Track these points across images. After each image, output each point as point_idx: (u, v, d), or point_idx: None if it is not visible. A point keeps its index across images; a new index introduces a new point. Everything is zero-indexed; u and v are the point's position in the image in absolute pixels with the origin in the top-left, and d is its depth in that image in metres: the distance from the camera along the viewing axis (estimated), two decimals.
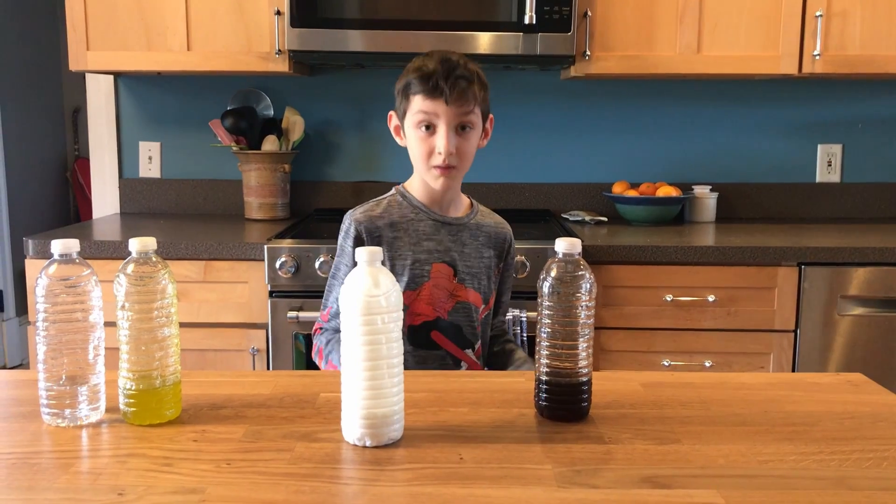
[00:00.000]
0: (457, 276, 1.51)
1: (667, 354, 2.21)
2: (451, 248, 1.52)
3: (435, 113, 1.43)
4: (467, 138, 1.46)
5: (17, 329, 4.08)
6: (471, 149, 1.48)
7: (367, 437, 0.97)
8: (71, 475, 0.89)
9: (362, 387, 0.97)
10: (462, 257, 1.52)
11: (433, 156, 1.45)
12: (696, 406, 1.11)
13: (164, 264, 1.03)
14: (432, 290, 1.49)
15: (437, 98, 1.41)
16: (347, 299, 0.97)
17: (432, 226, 1.52)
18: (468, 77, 1.43)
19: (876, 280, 2.19)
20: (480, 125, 1.49)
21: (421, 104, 1.43)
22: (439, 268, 1.50)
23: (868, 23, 2.40)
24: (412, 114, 1.45)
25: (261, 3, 2.40)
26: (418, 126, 1.45)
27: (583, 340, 1.04)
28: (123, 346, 1.02)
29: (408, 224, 1.51)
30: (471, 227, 1.56)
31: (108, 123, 2.83)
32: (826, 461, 0.94)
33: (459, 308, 1.51)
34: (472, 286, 1.53)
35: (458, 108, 1.42)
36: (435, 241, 1.51)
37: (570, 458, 0.94)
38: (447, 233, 1.52)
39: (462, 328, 1.52)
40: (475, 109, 1.45)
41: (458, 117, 1.43)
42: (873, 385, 1.21)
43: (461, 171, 1.48)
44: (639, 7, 2.41)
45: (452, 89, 1.41)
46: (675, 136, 2.80)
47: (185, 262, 2.18)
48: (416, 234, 1.51)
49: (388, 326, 0.97)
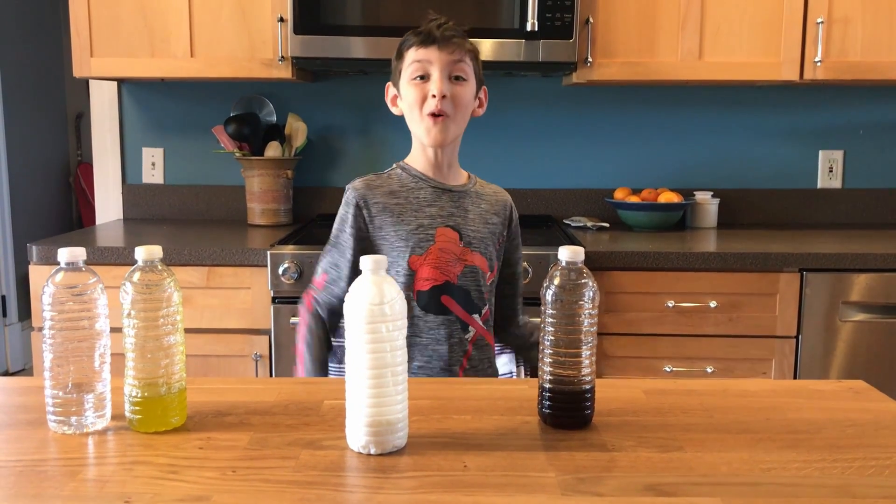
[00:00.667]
0: (462, 241, 1.52)
1: (669, 360, 2.22)
2: (455, 213, 1.53)
3: (428, 60, 1.47)
4: (462, 86, 1.49)
5: (20, 334, 4.09)
6: (464, 99, 1.50)
7: (372, 445, 0.97)
8: (78, 482, 0.90)
9: (367, 394, 0.97)
10: (466, 222, 1.53)
11: (427, 102, 1.47)
12: (699, 413, 1.12)
13: (170, 272, 1.04)
14: (439, 254, 1.50)
15: (429, 45, 1.46)
16: (352, 308, 0.97)
17: (433, 193, 1.54)
18: (458, 32, 1.49)
19: (877, 286, 2.19)
20: (473, 81, 1.52)
21: (415, 54, 1.48)
22: (444, 231, 1.51)
23: (869, 29, 2.41)
24: (406, 67, 1.49)
25: (264, 9, 2.41)
26: (413, 77, 1.48)
27: (586, 348, 1.05)
28: (129, 354, 1.03)
29: (408, 192, 1.53)
30: (471, 195, 1.57)
31: (112, 129, 2.84)
32: (828, 469, 0.94)
33: (468, 272, 1.51)
34: (478, 250, 1.53)
35: (449, 53, 1.46)
36: (437, 206, 1.53)
37: (573, 465, 0.94)
38: (448, 199, 1.54)
39: (470, 293, 1.52)
40: (467, 60, 1.49)
41: (450, 64, 1.47)
42: (875, 392, 1.21)
43: (455, 121, 1.50)
44: (640, 14, 2.42)
45: (444, 36, 1.46)
46: (677, 142, 2.81)
47: (188, 268, 2.19)
48: (416, 201, 1.52)
49: (393, 335, 0.97)
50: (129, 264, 2.10)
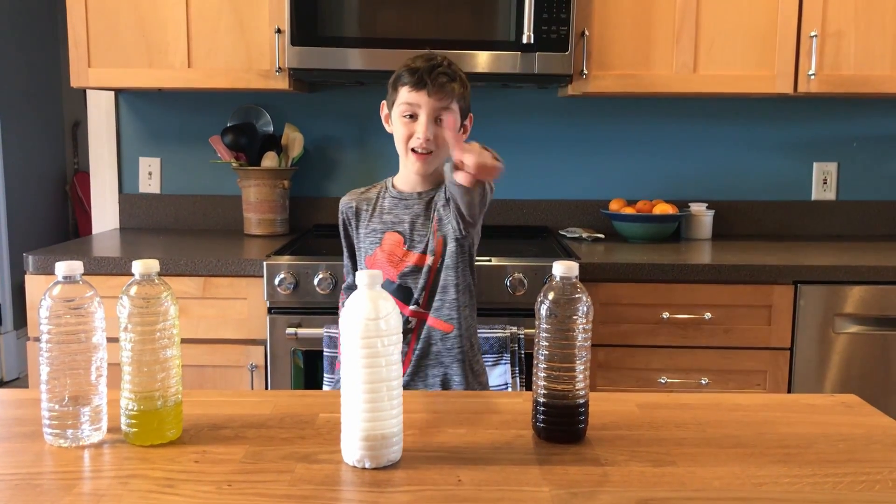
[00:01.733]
0: (406, 244, 1.69)
1: (663, 372, 2.22)
2: (405, 219, 1.69)
3: (417, 104, 1.61)
4: (445, 128, 1.62)
5: (15, 343, 4.08)
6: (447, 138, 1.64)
7: (367, 459, 0.98)
8: (73, 496, 0.90)
9: (362, 409, 0.98)
10: (414, 227, 1.69)
11: (413, 139, 1.63)
12: (692, 428, 1.13)
13: (167, 286, 1.04)
14: (382, 256, 1.69)
15: (420, 90, 1.60)
16: (348, 323, 0.98)
17: (391, 202, 1.72)
18: (449, 75, 1.62)
19: (871, 298, 2.20)
20: (459, 119, 1.67)
21: (406, 96, 1.62)
22: (390, 236, 1.70)
23: (862, 43, 2.43)
24: (399, 104, 1.64)
25: (261, 21, 2.43)
26: (403, 115, 1.63)
27: (580, 363, 1.06)
28: (126, 367, 1.03)
29: (372, 201, 1.75)
30: (425, 199, 1.70)
31: (109, 139, 2.85)
32: (820, 484, 0.95)
33: (408, 272, 1.68)
34: (419, 250, 1.68)
35: (437, 100, 1.60)
36: (392, 213, 1.71)
37: (567, 480, 0.95)
38: (403, 207, 1.71)
39: (411, 289, 1.69)
40: (453, 104, 1.63)
41: (437, 110, 1.61)
42: (867, 407, 1.22)
43: (437, 157, 1.66)
44: (636, 27, 2.43)
45: (434, 83, 1.59)
46: (672, 153, 2.83)
47: (185, 279, 2.19)
48: (377, 209, 1.73)
49: (388, 349, 0.98)
50: (125, 275, 2.11)
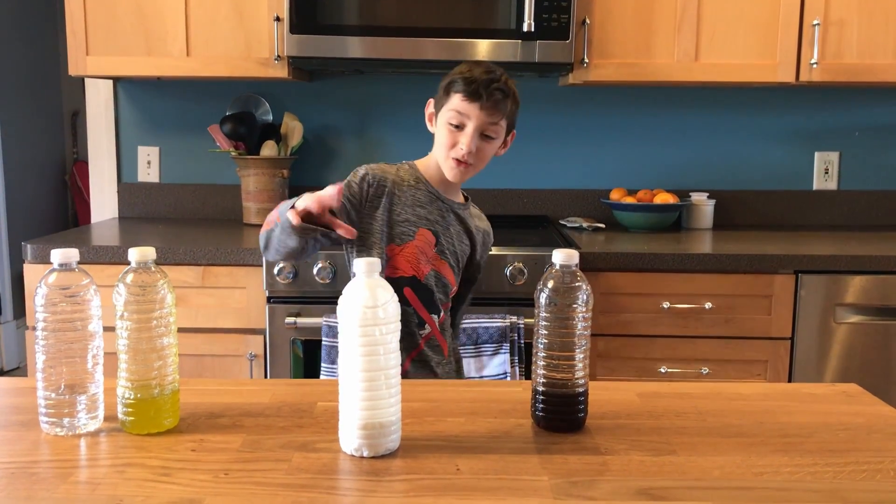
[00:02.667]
0: (437, 247, 1.63)
1: (664, 361, 2.22)
2: (439, 221, 1.64)
3: (467, 115, 1.56)
4: (489, 144, 1.60)
5: (15, 332, 4.08)
6: (488, 154, 1.62)
7: (365, 448, 0.97)
8: (69, 485, 0.89)
9: (360, 397, 0.97)
10: (445, 234, 1.64)
11: (455, 148, 1.58)
12: (692, 417, 1.12)
13: (164, 274, 1.04)
14: (413, 251, 1.61)
15: (473, 101, 1.55)
16: (345, 310, 0.97)
17: (427, 196, 1.64)
18: (505, 91, 1.57)
19: (872, 288, 2.19)
20: (503, 136, 1.63)
21: (458, 104, 1.56)
22: (424, 233, 1.62)
23: (865, 31, 2.41)
24: (448, 109, 1.58)
25: (260, 9, 2.41)
26: (450, 122, 1.58)
27: (579, 351, 1.05)
28: (122, 356, 1.02)
29: (408, 188, 1.64)
30: (460, 214, 1.68)
31: (108, 128, 2.84)
32: (820, 473, 0.94)
33: (433, 276, 1.62)
34: (447, 261, 1.64)
35: (488, 115, 1.56)
36: (426, 209, 1.63)
37: (566, 469, 0.94)
38: (438, 208, 1.64)
39: (433, 294, 1.63)
40: (502, 121, 1.59)
41: (486, 125, 1.57)
42: (868, 396, 1.21)
43: (475, 168, 1.62)
44: (637, 15, 2.42)
45: (489, 98, 1.54)
46: (673, 143, 2.81)
47: (184, 268, 2.18)
48: (412, 198, 1.63)
49: (386, 338, 0.98)
50: (124, 263, 2.09)
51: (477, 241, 1.71)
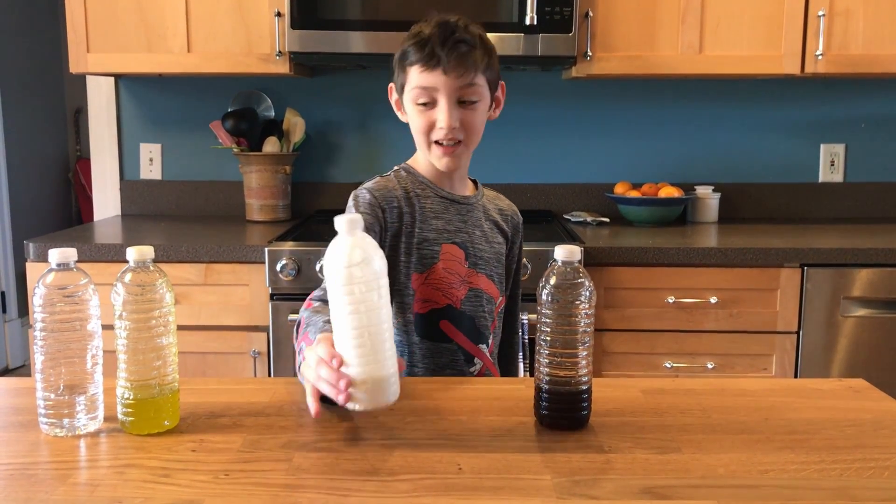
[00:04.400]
0: (468, 260, 1.37)
1: (669, 356, 2.20)
2: (462, 228, 1.38)
3: (433, 86, 1.29)
4: (473, 110, 1.33)
5: (20, 330, 4.08)
6: (477, 121, 1.35)
7: (358, 402, 0.98)
8: (69, 486, 0.89)
9: (349, 354, 0.98)
10: (473, 239, 1.39)
11: (434, 130, 1.32)
12: (697, 413, 1.11)
13: (162, 273, 1.03)
14: (442, 275, 1.34)
15: (434, 68, 1.28)
16: (328, 271, 0.98)
17: (440, 203, 1.38)
18: (468, 41, 1.29)
19: (879, 281, 2.18)
20: (487, 96, 1.35)
21: (418, 78, 1.30)
22: (450, 249, 1.36)
23: (871, 22, 2.39)
24: (410, 88, 1.33)
25: (261, 4, 2.40)
26: (417, 102, 1.32)
27: (582, 348, 1.04)
28: (121, 356, 1.01)
29: (414, 199, 1.37)
30: (479, 208, 1.43)
31: (109, 125, 2.83)
32: (827, 470, 0.93)
33: (472, 297, 1.37)
34: (484, 272, 1.39)
35: (458, 77, 1.28)
36: (444, 219, 1.37)
37: (569, 468, 0.93)
38: (456, 211, 1.39)
39: (476, 320, 1.37)
40: (478, 78, 1.31)
41: (459, 90, 1.30)
42: (875, 391, 1.20)
43: (468, 146, 1.36)
44: (640, 7, 2.40)
45: (450, 56, 1.27)
46: (677, 136, 2.80)
47: (186, 265, 2.18)
48: (422, 210, 1.36)
49: (367, 296, 0.97)
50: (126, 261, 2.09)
51: (508, 229, 1.46)
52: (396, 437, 1.02)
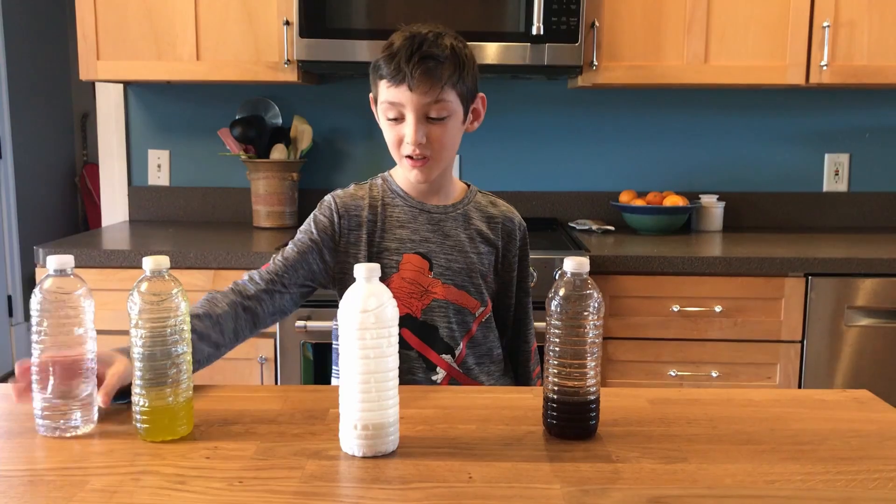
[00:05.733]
0: (432, 270, 1.37)
1: (673, 365, 2.22)
2: (429, 237, 1.38)
3: (400, 102, 1.29)
4: (442, 126, 1.31)
5: (26, 334, 4.10)
6: (447, 137, 1.33)
7: (359, 448, 1.00)
8: (86, 493, 0.90)
9: (354, 399, 1.00)
10: (442, 249, 1.38)
11: (403, 145, 1.33)
12: (703, 424, 1.12)
13: (178, 282, 1.05)
14: (401, 283, 1.36)
15: (399, 84, 1.28)
16: (342, 315, 1.00)
17: (408, 212, 1.39)
18: (436, 56, 1.27)
19: (883, 291, 2.19)
20: (459, 111, 1.33)
21: (386, 93, 1.31)
22: (411, 259, 1.37)
23: (875, 33, 2.41)
24: (380, 102, 1.35)
25: (270, 13, 2.42)
26: (387, 116, 1.34)
27: (591, 359, 1.05)
28: (137, 364, 1.03)
29: (381, 208, 1.40)
30: (456, 217, 1.41)
31: (118, 131, 2.85)
32: (832, 482, 0.94)
33: (435, 307, 1.37)
34: (453, 283, 1.38)
35: (423, 94, 1.27)
36: (409, 228, 1.39)
37: (578, 477, 0.95)
38: (425, 220, 1.39)
39: (439, 329, 1.38)
40: (446, 94, 1.29)
41: (425, 106, 1.29)
42: (880, 403, 1.21)
43: (438, 161, 1.34)
44: (646, 17, 2.42)
45: (415, 72, 1.26)
46: (682, 145, 2.81)
47: (194, 271, 2.19)
48: (388, 219, 1.39)
49: (378, 342, 0.99)
50: (135, 268, 2.11)
51: (497, 237, 1.43)
52: (407, 445, 1.03)
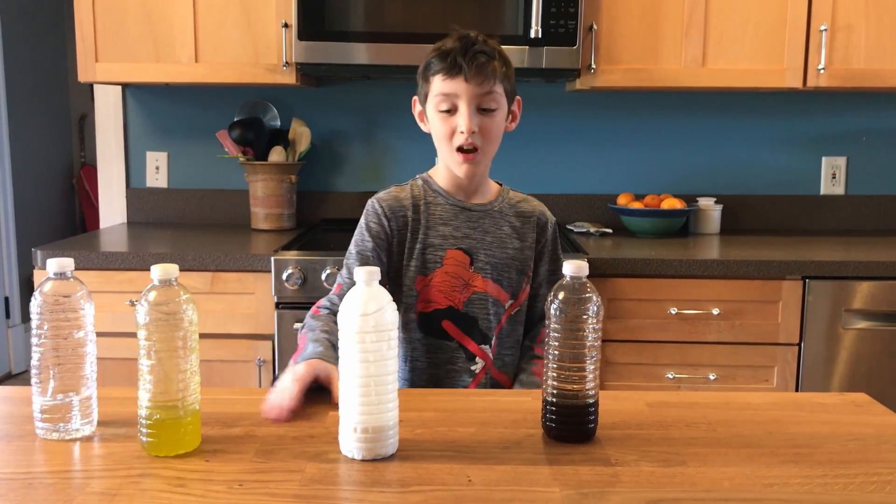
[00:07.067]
0: (473, 265, 1.46)
1: (671, 367, 2.22)
2: (470, 234, 1.47)
3: (455, 93, 1.38)
4: (492, 117, 1.41)
5: (23, 336, 4.10)
6: (496, 129, 1.43)
7: (358, 451, 1.00)
8: (86, 496, 0.90)
9: (353, 402, 1.00)
10: (483, 245, 1.47)
11: (455, 135, 1.41)
12: (702, 427, 1.12)
13: (186, 291, 1.04)
14: (444, 278, 1.45)
15: (456, 76, 1.37)
16: (342, 318, 1.01)
17: (450, 210, 1.48)
18: (488, 52, 1.38)
19: (880, 294, 2.19)
20: (505, 105, 1.44)
21: (441, 85, 1.39)
22: (454, 254, 1.45)
23: (873, 37, 2.42)
24: (433, 96, 1.42)
25: (268, 15, 2.42)
26: (440, 108, 1.41)
27: (590, 362, 1.06)
28: (145, 376, 1.01)
29: (425, 207, 1.48)
30: (494, 215, 1.50)
31: (116, 133, 2.85)
32: (830, 485, 0.95)
33: (476, 300, 1.46)
34: (491, 277, 1.47)
35: (478, 85, 1.38)
36: (452, 226, 1.47)
37: (577, 480, 0.95)
38: (466, 218, 1.48)
39: (478, 321, 1.46)
40: (497, 87, 1.40)
41: (478, 96, 1.39)
42: (877, 406, 1.22)
43: (486, 153, 1.44)
44: (644, 21, 2.42)
45: (471, 65, 1.36)
46: (680, 148, 2.82)
47: (193, 273, 2.19)
48: (431, 217, 1.47)
49: (377, 346, 0.99)
50: (133, 269, 2.11)
51: (531, 230, 1.52)
52: (407, 448, 1.04)
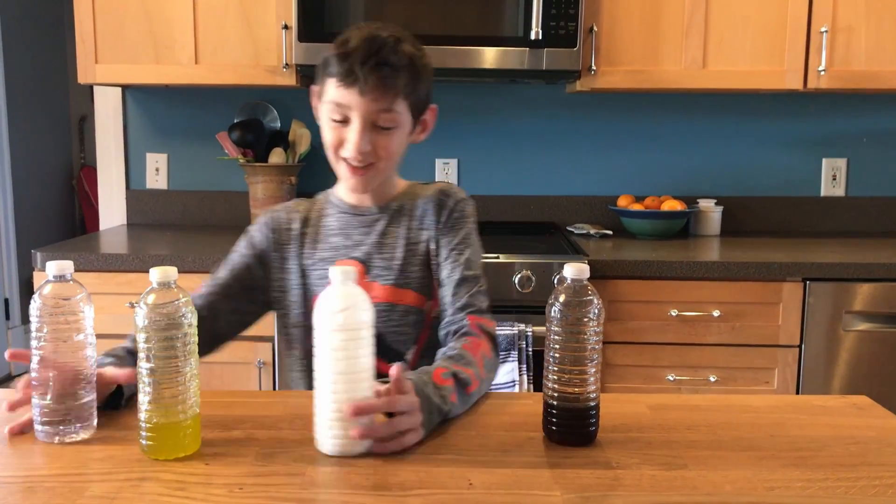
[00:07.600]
0: (369, 273, 1.32)
1: (671, 369, 2.22)
2: (364, 241, 1.34)
3: (348, 105, 1.22)
4: (388, 135, 1.26)
5: (23, 337, 4.10)
6: (393, 146, 1.28)
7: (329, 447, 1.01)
8: (86, 499, 0.90)
9: (324, 399, 1.01)
10: (379, 248, 1.34)
11: (344, 146, 1.26)
12: (703, 430, 1.12)
13: (185, 293, 1.03)
14: None
15: (350, 86, 1.21)
16: (315, 316, 1.02)
17: (340, 219, 1.37)
18: (392, 64, 1.21)
19: (881, 296, 2.19)
20: (407, 122, 1.28)
21: (334, 93, 1.23)
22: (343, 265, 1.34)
23: (873, 38, 2.41)
24: (326, 100, 1.26)
25: (268, 17, 2.42)
26: (331, 117, 1.26)
27: (591, 365, 1.05)
28: (145, 380, 1.00)
29: (316, 219, 1.38)
30: (391, 214, 1.37)
31: (116, 134, 2.85)
32: (832, 488, 0.94)
33: (376, 312, 1.33)
34: (392, 282, 1.32)
35: (373, 101, 1.21)
36: (342, 235, 1.36)
37: (578, 484, 0.95)
38: (359, 224, 1.36)
39: (384, 336, 1.30)
40: (398, 104, 1.24)
41: (374, 113, 1.23)
42: (879, 409, 1.21)
43: (380, 169, 1.29)
44: (644, 22, 2.42)
45: (369, 77, 1.19)
46: (680, 149, 2.82)
47: (193, 275, 2.18)
48: (321, 230, 1.37)
49: (346, 343, 1.00)
50: (133, 271, 2.11)
51: (428, 215, 1.35)
52: (407, 451, 1.03)
